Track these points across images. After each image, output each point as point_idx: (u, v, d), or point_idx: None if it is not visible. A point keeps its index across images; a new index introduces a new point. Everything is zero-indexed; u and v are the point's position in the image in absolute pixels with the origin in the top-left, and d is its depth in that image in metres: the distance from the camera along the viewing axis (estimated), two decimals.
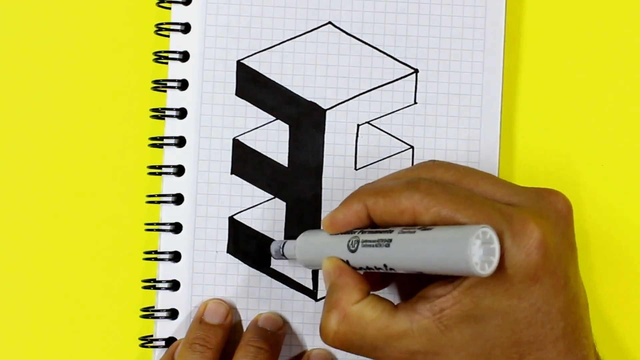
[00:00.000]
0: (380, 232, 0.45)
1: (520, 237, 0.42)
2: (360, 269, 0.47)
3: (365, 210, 0.46)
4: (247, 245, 0.56)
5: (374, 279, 0.49)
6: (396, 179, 0.47)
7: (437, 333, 0.44)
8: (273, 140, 0.56)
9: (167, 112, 0.56)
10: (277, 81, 0.56)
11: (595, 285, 0.56)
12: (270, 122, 0.56)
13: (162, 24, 0.56)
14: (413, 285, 0.49)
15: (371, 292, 0.47)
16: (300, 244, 0.51)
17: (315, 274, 0.56)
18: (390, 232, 0.45)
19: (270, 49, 0.56)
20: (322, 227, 0.49)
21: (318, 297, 0.56)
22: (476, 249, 0.40)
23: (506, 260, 0.42)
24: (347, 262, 0.47)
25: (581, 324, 0.45)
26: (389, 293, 0.52)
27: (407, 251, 0.43)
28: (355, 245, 0.46)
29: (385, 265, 0.45)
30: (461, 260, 0.40)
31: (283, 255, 0.53)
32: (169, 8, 0.56)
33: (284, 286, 0.56)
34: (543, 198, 0.45)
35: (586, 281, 0.47)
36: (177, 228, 0.56)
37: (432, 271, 0.42)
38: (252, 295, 0.56)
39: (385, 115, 0.56)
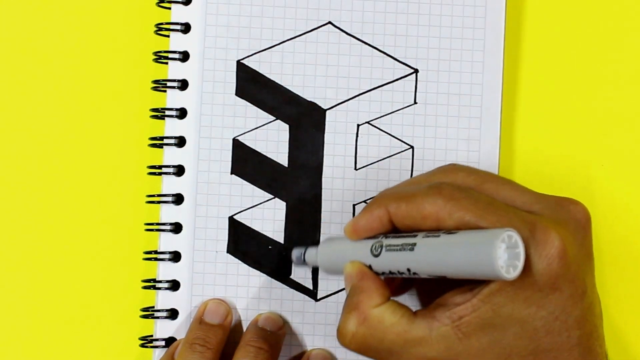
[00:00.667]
0: (404, 236, 0.45)
1: (542, 245, 0.43)
2: (383, 274, 0.47)
3: (387, 216, 0.46)
4: (247, 245, 0.56)
5: (393, 285, 0.50)
6: (417, 184, 0.47)
7: (455, 340, 0.44)
8: (273, 140, 0.56)
9: (167, 112, 0.56)
10: (277, 81, 0.56)
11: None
12: (270, 122, 0.56)
13: (162, 24, 0.56)
14: (431, 292, 0.49)
15: (391, 298, 0.47)
16: (322, 250, 0.51)
17: (315, 274, 0.56)
18: (415, 236, 0.45)
19: (270, 49, 0.56)
20: (344, 234, 0.49)
21: (318, 297, 0.56)
22: (502, 253, 0.40)
23: (527, 268, 0.42)
24: (369, 267, 0.47)
25: (596, 333, 0.45)
26: (405, 300, 0.51)
27: (431, 255, 0.43)
28: (379, 250, 0.46)
29: (408, 270, 0.45)
30: (487, 264, 0.40)
31: (304, 261, 0.53)
32: (169, 8, 0.56)
33: (284, 286, 0.56)
34: (563, 207, 0.46)
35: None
36: (177, 228, 0.56)
37: (457, 275, 0.43)
38: (252, 295, 0.56)
39: (385, 115, 0.56)
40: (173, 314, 0.55)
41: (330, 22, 0.56)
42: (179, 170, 0.56)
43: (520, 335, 0.43)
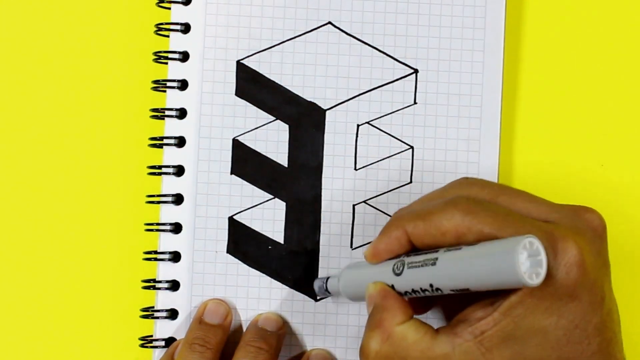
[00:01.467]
0: (426, 253, 0.45)
1: (561, 255, 0.43)
2: (406, 293, 0.47)
3: (406, 236, 0.47)
4: (247, 245, 0.56)
5: (415, 305, 0.50)
6: (431, 200, 0.47)
7: (479, 355, 0.44)
8: (273, 140, 0.56)
9: (167, 112, 0.56)
10: (277, 81, 0.56)
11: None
12: (270, 122, 0.56)
13: (162, 24, 0.56)
14: (451, 310, 0.49)
15: (414, 316, 0.47)
16: (345, 277, 0.52)
17: (315, 274, 0.56)
18: (436, 251, 0.45)
19: (270, 49, 0.56)
20: (364, 259, 0.49)
21: (318, 298, 0.56)
22: (524, 259, 0.41)
23: (547, 278, 0.42)
24: (392, 287, 0.47)
25: (614, 339, 0.45)
26: (426, 318, 0.51)
27: (453, 267, 0.43)
28: (401, 268, 0.46)
29: (431, 286, 0.45)
30: (510, 271, 0.41)
31: (327, 291, 0.54)
32: (169, 8, 0.56)
33: (284, 286, 0.56)
34: (579, 216, 0.46)
35: None
36: (177, 228, 0.56)
37: (480, 286, 0.43)
38: (252, 295, 0.56)
39: (385, 115, 0.56)
40: (173, 314, 0.55)
41: (330, 22, 0.56)
42: (179, 171, 0.56)
43: (543, 346, 0.43)
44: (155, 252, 0.56)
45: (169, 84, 0.56)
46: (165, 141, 0.56)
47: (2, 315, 0.57)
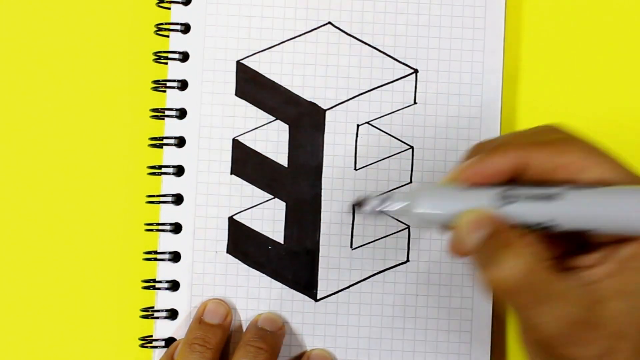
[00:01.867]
0: (544, 187, 0.42)
1: None
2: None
3: (514, 164, 0.42)
4: (247, 245, 0.56)
5: None
6: (527, 137, 0.44)
7: (592, 304, 0.41)
8: (273, 140, 0.56)
9: (167, 112, 0.56)
10: (276, 81, 0.56)
11: None
12: (270, 122, 0.56)
13: (162, 24, 0.56)
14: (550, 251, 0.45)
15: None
16: (423, 196, 0.44)
17: (315, 269, 0.56)
18: (558, 186, 0.42)
19: (270, 49, 0.56)
20: (456, 178, 0.43)
21: (318, 297, 0.56)
22: None
23: None
24: None
25: None
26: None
27: (582, 205, 0.41)
28: (512, 199, 0.42)
29: (550, 222, 0.41)
30: None
31: (382, 211, 0.45)
32: (169, 8, 0.56)
33: (284, 286, 0.56)
34: None
35: None
36: (176, 228, 0.56)
37: (606, 229, 0.41)
38: (251, 295, 0.56)
39: (385, 115, 0.56)
40: (173, 314, 0.55)
41: (330, 22, 0.56)
42: (179, 171, 0.56)
43: None
44: (155, 252, 0.56)
45: (169, 84, 0.56)
46: (165, 141, 0.56)
47: (2, 315, 0.57)
